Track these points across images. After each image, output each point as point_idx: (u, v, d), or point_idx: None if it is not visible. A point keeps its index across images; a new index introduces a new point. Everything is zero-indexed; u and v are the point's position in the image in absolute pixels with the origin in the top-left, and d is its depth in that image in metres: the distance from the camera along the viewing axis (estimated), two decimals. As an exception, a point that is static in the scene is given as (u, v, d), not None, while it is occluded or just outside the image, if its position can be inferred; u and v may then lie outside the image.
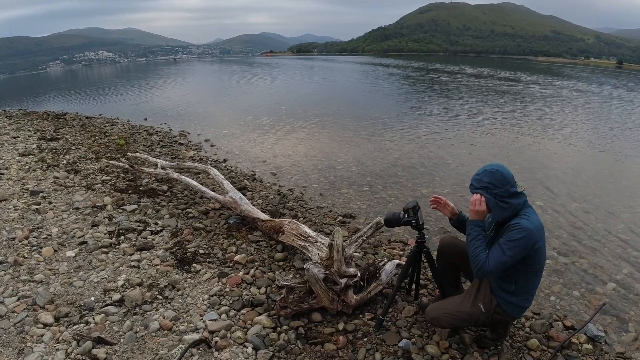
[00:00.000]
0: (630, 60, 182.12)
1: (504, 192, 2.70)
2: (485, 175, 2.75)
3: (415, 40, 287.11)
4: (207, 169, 6.65)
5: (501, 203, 2.72)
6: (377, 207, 6.85)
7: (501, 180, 2.71)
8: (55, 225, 5.08)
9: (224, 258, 4.52)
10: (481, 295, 2.98)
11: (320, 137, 12.45)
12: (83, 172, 7.50)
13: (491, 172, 2.74)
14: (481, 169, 2.81)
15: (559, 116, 16.71)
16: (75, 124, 13.71)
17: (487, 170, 2.76)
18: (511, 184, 2.72)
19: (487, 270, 2.70)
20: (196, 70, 66.98)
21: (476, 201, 2.79)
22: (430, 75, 40.84)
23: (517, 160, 9.92)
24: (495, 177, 2.72)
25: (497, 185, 2.70)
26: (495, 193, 2.71)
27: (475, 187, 2.80)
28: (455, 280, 3.53)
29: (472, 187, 2.84)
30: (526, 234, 2.61)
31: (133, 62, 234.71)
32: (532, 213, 2.76)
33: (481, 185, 2.76)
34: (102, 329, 3.21)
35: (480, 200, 2.77)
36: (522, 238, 2.61)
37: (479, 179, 2.77)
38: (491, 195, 2.72)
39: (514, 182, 2.74)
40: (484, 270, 2.70)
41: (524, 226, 2.63)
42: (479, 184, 2.77)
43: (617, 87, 33.17)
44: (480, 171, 2.80)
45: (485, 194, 2.75)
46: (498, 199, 2.71)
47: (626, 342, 3.70)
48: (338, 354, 3.13)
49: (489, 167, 2.78)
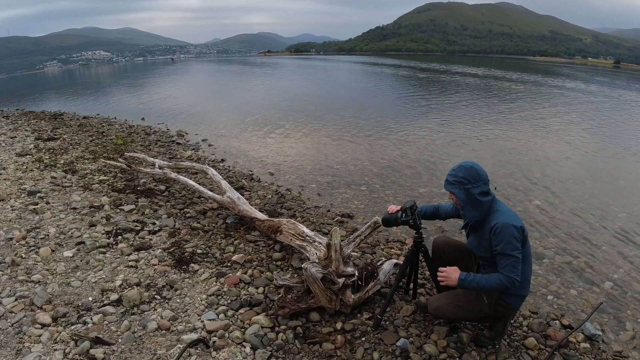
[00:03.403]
0: (628, 59, 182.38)
1: (475, 189, 2.79)
2: (460, 170, 2.85)
3: (413, 40, 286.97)
4: (205, 168, 6.64)
5: (472, 200, 2.81)
6: (374, 207, 6.85)
7: (475, 176, 2.80)
8: (52, 225, 5.07)
9: (222, 258, 4.52)
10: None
11: (318, 136, 12.45)
12: (80, 172, 7.49)
13: (466, 168, 2.84)
14: (457, 165, 2.91)
15: (557, 116, 16.73)
16: (73, 123, 13.68)
17: (462, 166, 2.87)
18: (484, 182, 2.82)
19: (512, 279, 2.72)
20: (194, 70, 66.85)
21: (444, 278, 2.92)
22: (428, 75, 40.86)
23: (514, 159, 9.94)
24: (469, 173, 2.81)
25: (470, 180, 2.80)
26: (467, 188, 2.80)
27: (450, 181, 2.90)
28: None
29: (447, 182, 2.93)
30: (508, 228, 2.70)
31: (131, 62, 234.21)
32: (501, 205, 2.88)
33: (455, 180, 2.85)
34: (100, 329, 3.20)
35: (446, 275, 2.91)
36: (509, 234, 2.70)
37: (454, 174, 2.87)
38: (463, 190, 2.81)
39: (486, 180, 2.84)
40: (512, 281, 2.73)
41: (504, 222, 2.72)
42: (453, 178, 2.87)
43: (615, 87, 33.26)
44: (456, 167, 2.90)
45: (457, 189, 2.85)
46: (469, 195, 2.80)
47: (623, 340, 3.71)
48: (336, 353, 3.14)
49: (464, 164, 2.89)
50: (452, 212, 3.38)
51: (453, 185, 2.87)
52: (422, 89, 28.00)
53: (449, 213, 3.42)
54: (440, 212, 3.46)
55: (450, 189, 2.91)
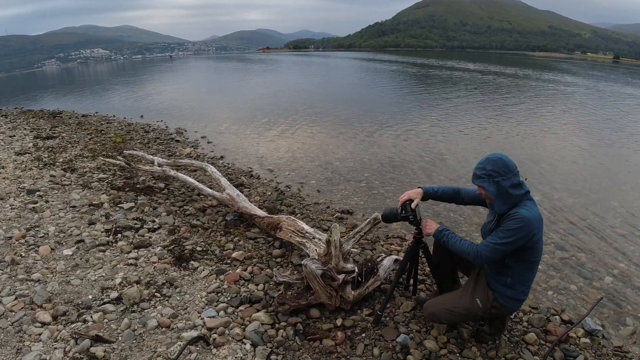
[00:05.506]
0: (627, 55, 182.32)
1: (506, 181, 2.69)
2: (488, 163, 2.74)
3: (412, 35, 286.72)
4: (204, 166, 6.63)
5: (503, 193, 2.71)
6: (374, 203, 6.85)
7: (504, 168, 2.70)
8: (52, 223, 5.07)
9: (222, 255, 4.51)
10: (478, 291, 2.99)
11: (317, 133, 12.44)
12: (79, 170, 7.48)
13: (494, 161, 2.73)
14: (484, 158, 2.80)
15: (556, 111, 16.73)
16: (72, 122, 13.66)
17: (490, 158, 2.75)
18: (514, 173, 2.71)
19: (482, 255, 2.75)
20: (192, 67, 66.75)
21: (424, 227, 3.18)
22: (427, 71, 40.85)
23: (514, 154, 9.91)
24: (497, 166, 2.71)
25: (500, 173, 2.69)
26: (497, 181, 2.70)
27: (478, 175, 2.79)
28: (452, 275, 3.54)
29: (475, 176, 2.83)
30: (524, 223, 2.63)
31: (129, 60, 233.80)
32: (533, 205, 2.76)
33: (483, 174, 2.75)
34: (100, 327, 3.20)
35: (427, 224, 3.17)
36: (519, 227, 2.63)
37: (482, 167, 2.76)
38: (494, 183, 2.71)
39: (516, 172, 2.74)
40: (480, 256, 2.76)
41: (523, 215, 2.64)
42: (481, 172, 2.76)
43: (615, 82, 33.20)
44: (483, 160, 2.79)
45: (487, 183, 2.74)
46: (500, 189, 2.70)
47: (624, 336, 3.71)
48: (336, 349, 3.13)
49: (491, 156, 2.77)
50: (472, 199, 3.24)
51: (482, 179, 2.76)
52: (420, 85, 27.99)
53: (468, 199, 3.28)
54: (462, 195, 3.30)
55: (479, 183, 2.79)
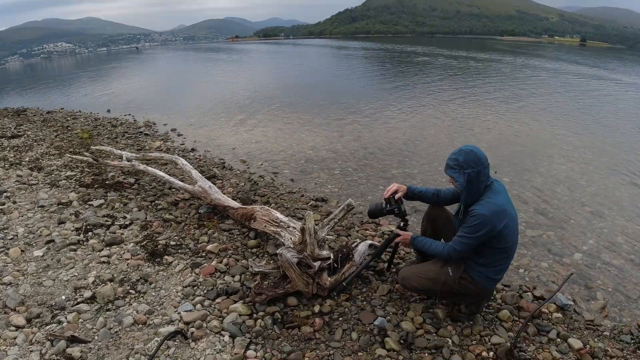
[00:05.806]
0: (594, 38, 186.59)
1: (475, 174, 2.81)
2: (461, 154, 2.86)
3: (382, 22, 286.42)
4: (175, 159, 6.53)
5: (471, 185, 2.84)
6: (348, 190, 6.89)
7: (475, 160, 2.82)
8: (21, 225, 4.93)
9: (196, 248, 4.48)
10: (452, 262, 3.12)
11: (290, 122, 12.36)
12: (46, 168, 7.27)
13: (466, 152, 2.85)
14: (457, 149, 2.92)
15: (524, 94, 17.06)
16: (37, 119, 13.22)
17: (463, 150, 2.88)
18: (484, 166, 2.83)
19: (454, 252, 2.98)
20: (160, 58, 65.28)
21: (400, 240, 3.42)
22: (398, 57, 41.06)
23: (483, 137, 10.11)
24: (469, 157, 2.82)
25: (471, 165, 2.81)
26: (468, 173, 2.81)
27: (450, 165, 2.91)
28: None
29: (447, 166, 2.95)
30: (481, 220, 2.78)
31: (94, 53, 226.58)
32: (495, 194, 2.89)
33: (455, 164, 2.87)
34: (76, 328, 3.15)
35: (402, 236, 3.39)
36: (477, 224, 2.80)
37: (455, 157, 2.89)
38: (464, 174, 2.83)
39: (487, 164, 2.86)
40: (453, 253, 2.99)
41: (478, 213, 2.80)
42: (453, 162, 2.89)
43: (581, 65, 34.03)
44: (456, 151, 2.91)
45: (457, 173, 2.86)
46: (469, 180, 2.83)
47: (595, 309, 3.87)
48: (315, 336, 3.16)
49: (464, 148, 2.89)
50: (451, 198, 3.40)
51: (453, 169, 2.88)
52: (391, 72, 28.12)
53: (447, 200, 3.43)
54: (441, 198, 3.44)
55: (451, 173, 2.92)
